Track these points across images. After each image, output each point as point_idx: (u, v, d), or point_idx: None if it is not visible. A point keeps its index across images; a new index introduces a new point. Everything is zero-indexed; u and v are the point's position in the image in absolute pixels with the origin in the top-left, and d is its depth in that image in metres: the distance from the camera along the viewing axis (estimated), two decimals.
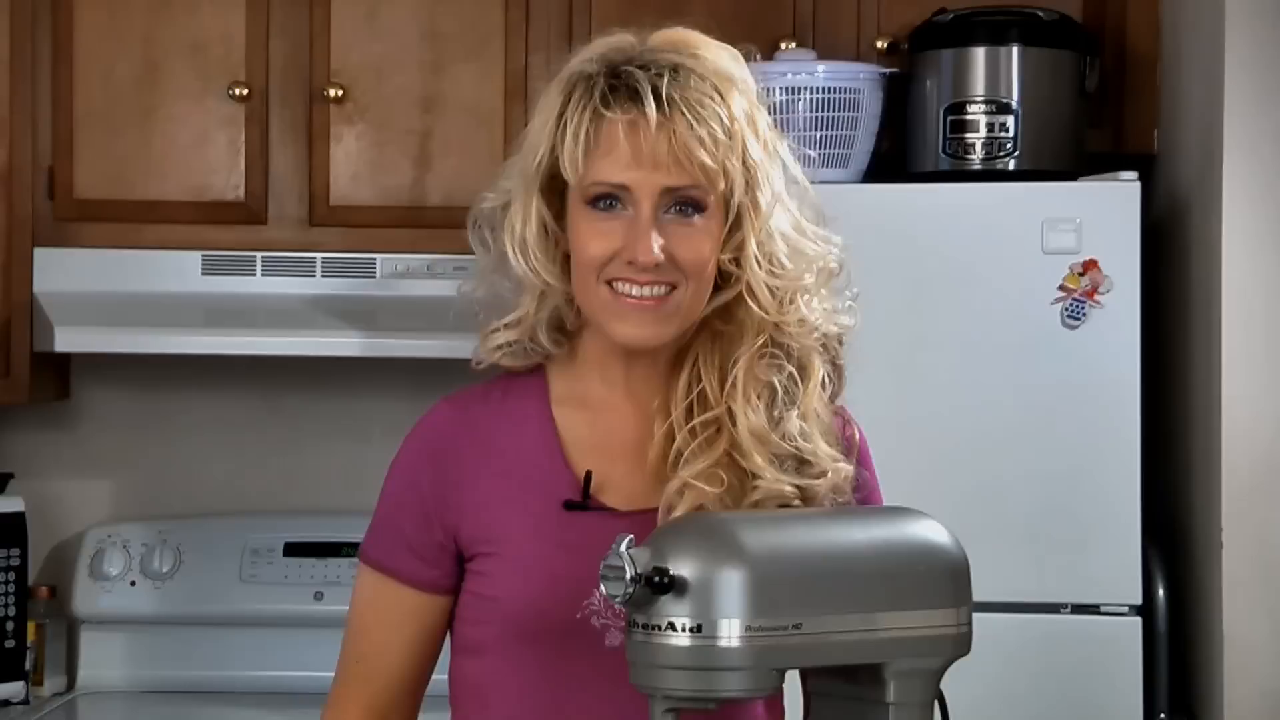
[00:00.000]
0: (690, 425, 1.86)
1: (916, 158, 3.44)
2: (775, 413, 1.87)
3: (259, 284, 3.54)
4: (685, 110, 1.80)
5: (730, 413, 1.85)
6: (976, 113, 3.36)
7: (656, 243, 1.81)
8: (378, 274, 3.55)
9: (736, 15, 3.45)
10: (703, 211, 1.83)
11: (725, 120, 1.82)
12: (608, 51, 1.87)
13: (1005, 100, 3.36)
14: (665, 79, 1.81)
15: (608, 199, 1.83)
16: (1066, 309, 3.19)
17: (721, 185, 1.83)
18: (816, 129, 3.30)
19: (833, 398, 1.92)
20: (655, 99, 1.80)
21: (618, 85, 1.83)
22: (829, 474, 1.86)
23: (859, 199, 3.21)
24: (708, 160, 1.81)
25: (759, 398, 1.86)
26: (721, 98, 1.83)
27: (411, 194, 3.56)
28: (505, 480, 1.89)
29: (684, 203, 1.83)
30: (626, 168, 1.81)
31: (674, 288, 1.83)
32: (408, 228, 3.55)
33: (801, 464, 1.86)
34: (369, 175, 3.57)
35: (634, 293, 1.83)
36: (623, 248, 1.82)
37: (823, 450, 1.87)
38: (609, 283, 1.84)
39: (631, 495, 1.89)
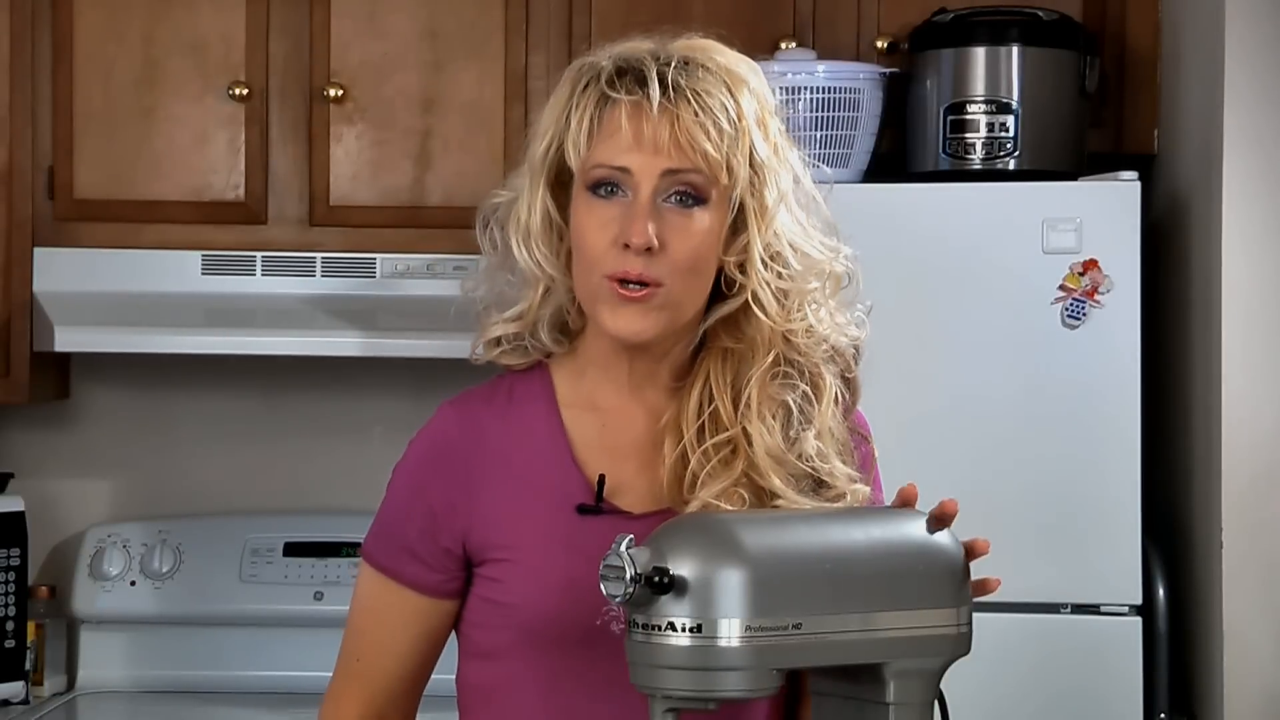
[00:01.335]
0: (704, 447, 1.85)
1: (916, 158, 3.44)
2: (791, 433, 1.86)
3: (259, 284, 3.54)
4: (691, 98, 1.81)
5: (746, 434, 1.85)
6: (976, 113, 3.36)
7: (651, 226, 1.80)
8: (378, 274, 3.55)
9: (736, 15, 3.46)
10: (703, 204, 1.83)
11: (732, 113, 1.82)
12: (623, 50, 1.87)
13: (1005, 100, 3.36)
14: (673, 67, 1.82)
15: (608, 185, 1.83)
16: (1066, 309, 3.20)
17: (724, 178, 1.82)
18: (816, 129, 3.30)
19: (846, 412, 1.91)
20: (660, 84, 1.81)
21: (625, 70, 1.83)
22: (846, 496, 1.86)
23: (859, 199, 3.20)
24: (710, 149, 1.80)
25: (774, 417, 1.85)
26: (730, 93, 1.83)
27: (411, 194, 3.56)
28: (515, 485, 1.88)
29: (684, 191, 1.82)
30: (628, 150, 1.81)
31: (659, 286, 1.82)
32: (408, 228, 3.55)
33: (819, 484, 1.86)
34: (369, 175, 3.57)
35: (627, 289, 1.82)
36: (618, 233, 1.82)
37: (839, 470, 1.86)
38: (606, 278, 1.83)
39: (643, 497, 1.88)
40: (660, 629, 1.57)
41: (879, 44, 3.52)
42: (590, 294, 1.85)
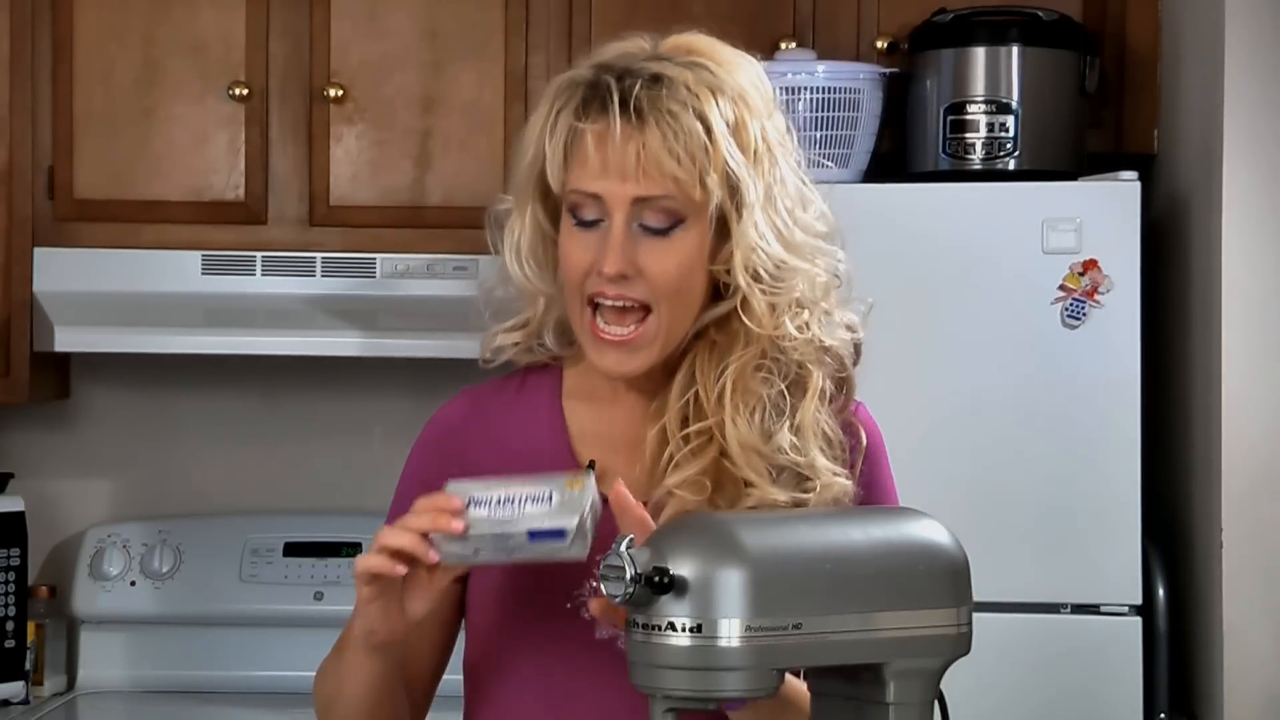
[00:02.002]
0: (684, 432, 1.86)
1: (916, 158, 3.45)
2: (767, 425, 1.86)
3: (259, 284, 3.54)
4: (656, 122, 1.78)
5: (722, 424, 1.85)
6: (976, 113, 3.36)
7: (624, 254, 1.80)
8: (378, 274, 3.55)
9: (736, 15, 3.46)
10: (681, 223, 1.82)
11: (700, 132, 1.79)
12: (610, 58, 1.86)
13: (1005, 100, 3.36)
14: (638, 88, 1.79)
15: (586, 209, 1.83)
16: (1066, 309, 3.20)
17: (698, 196, 1.81)
18: (816, 129, 3.30)
19: (840, 409, 1.91)
20: (623, 108, 1.79)
21: (591, 97, 1.82)
22: (822, 488, 1.85)
23: (859, 199, 3.20)
24: (680, 173, 1.79)
25: (750, 410, 1.85)
26: (701, 107, 1.80)
27: (411, 194, 3.56)
28: (509, 470, 1.89)
29: (658, 215, 1.81)
30: (597, 178, 1.81)
31: (646, 312, 1.83)
32: (408, 228, 3.55)
33: (799, 477, 1.86)
34: (369, 175, 3.57)
35: (609, 330, 1.83)
36: (593, 260, 1.82)
37: (820, 464, 1.85)
38: (592, 305, 1.84)
39: (631, 489, 1.88)
40: (660, 629, 1.57)
41: (879, 44, 3.52)
42: (578, 329, 1.87)
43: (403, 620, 1.78)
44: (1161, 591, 3.22)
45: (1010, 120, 3.35)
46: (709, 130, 1.79)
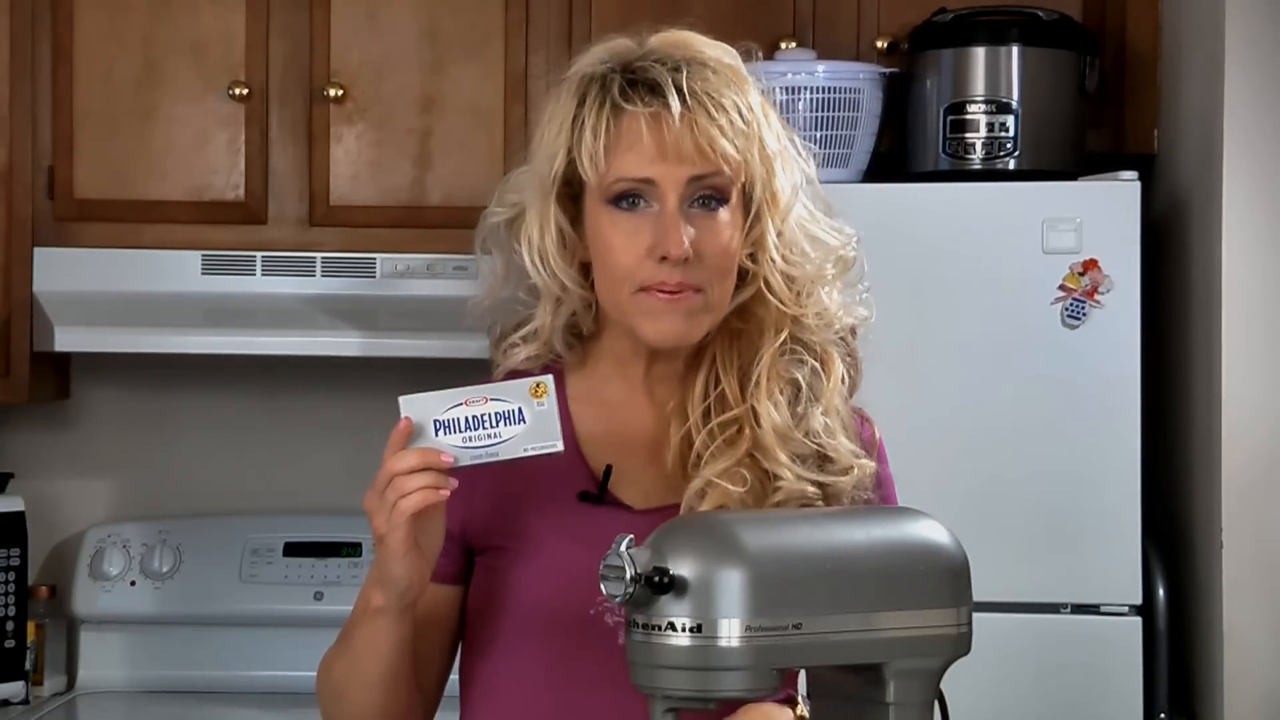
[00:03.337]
0: (710, 426, 1.86)
1: (916, 157, 3.45)
2: (799, 409, 1.87)
3: (259, 284, 3.54)
4: (706, 101, 1.82)
5: (754, 412, 1.85)
6: (976, 112, 3.36)
7: (687, 235, 1.81)
8: (378, 274, 3.55)
9: (736, 15, 3.46)
10: (726, 203, 1.84)
11: (744, 110, 1.84)
12: (612, 55, 1.87)
13: (1005, 100, 3.36)
14: (683, 72, 1.83)
15: (631, 196, 1.83)
16: (1066, 309, 3.20)
17: (744, 176, 1.84)
18: (816, 129, 3.30)
19: (851, 391, 1.92)
20: (677, 92, 1.81)
21: (635, 80, 1.84)
22: (854, 470, 1.87)
23: (859, 199, 3.20)
24: (731, 150, 1.82)
25: (781, 394, 1.86)
26: (738, 90, 1.85)
27: (411, 194, 3.56)
28: (519, 473, 1.88)
29: (707, 194, 1.83)
30: (651, 161, 1.82)
31: (699, 291, 1.83)
32: (408, 228, 3.55)
33: (824, 461, 1.87)
34: (369, 175, 3.57)
35: (665, 295, 1.83)
36: (652, 244, 1.82)
37: (845, 447, 1.87)
38: (642, 290, 1.84)
39: (647, 493, 1.89)
40: (660, 629, 1.57)
41: (879, 44, 3.52)
42: (621, 306, 1.85)
43: (426, 563, 1.79)
44: (1161, 591, 3.22)
45: (1010, 120, 3.35)
46: (749, 109, 1.85)
